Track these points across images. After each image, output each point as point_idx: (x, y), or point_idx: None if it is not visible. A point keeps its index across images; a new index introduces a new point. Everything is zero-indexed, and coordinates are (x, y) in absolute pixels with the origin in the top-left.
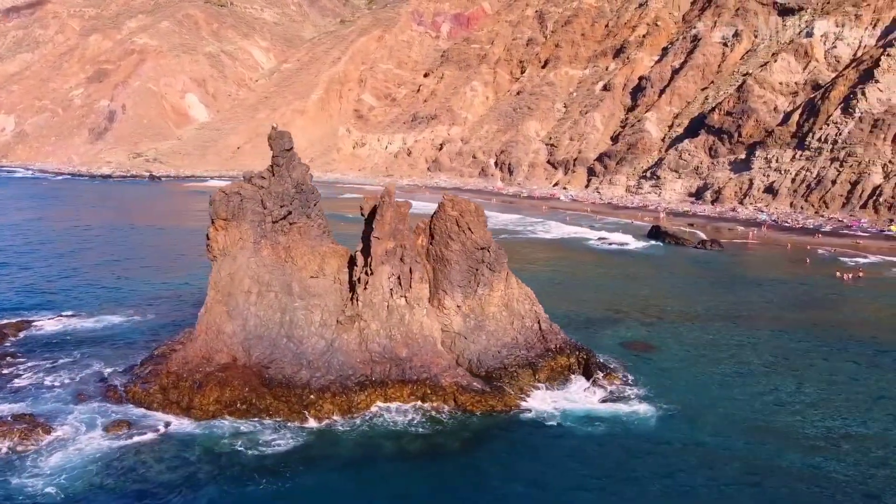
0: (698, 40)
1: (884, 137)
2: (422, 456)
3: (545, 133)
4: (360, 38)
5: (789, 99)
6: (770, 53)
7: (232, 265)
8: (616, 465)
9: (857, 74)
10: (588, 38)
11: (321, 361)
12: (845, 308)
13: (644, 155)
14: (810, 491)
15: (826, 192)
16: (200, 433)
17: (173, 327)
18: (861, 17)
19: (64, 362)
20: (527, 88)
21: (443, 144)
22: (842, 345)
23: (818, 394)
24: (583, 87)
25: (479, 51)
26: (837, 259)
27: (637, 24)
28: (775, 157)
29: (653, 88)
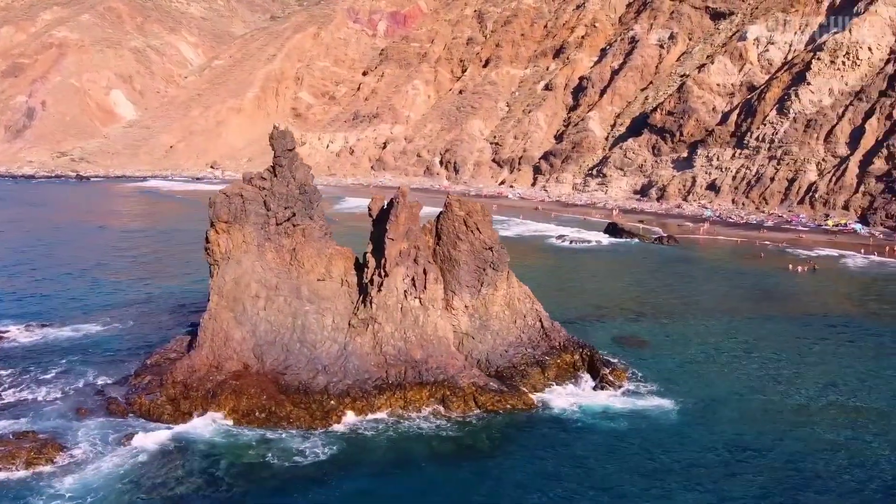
0: (636, 42)
1: (817, 137)
2: (454, 459)
3: (489, 132)
4: (295, 35)
5: (727, 100)
6: (705, 55)
7: (236, 269)
8: (649, 460)
9: (790, 77)
10: (528, 39)
11: (337, 366)
12: (806, 297)
13: (589, 153)
14: (839, 464)
15: (765, 189)
16: (223, 443)
17: (157, 335)
18: (790, 22)
19: (51, 375)
20: (469, 87)
21: (386, 143)
22: (813, 328)
23: (809, 372)
24: (524, 86)
25: (419, 49)
26: (786, 252)
27: (575, 25)
28: (716, 155)
29: (594, 88)
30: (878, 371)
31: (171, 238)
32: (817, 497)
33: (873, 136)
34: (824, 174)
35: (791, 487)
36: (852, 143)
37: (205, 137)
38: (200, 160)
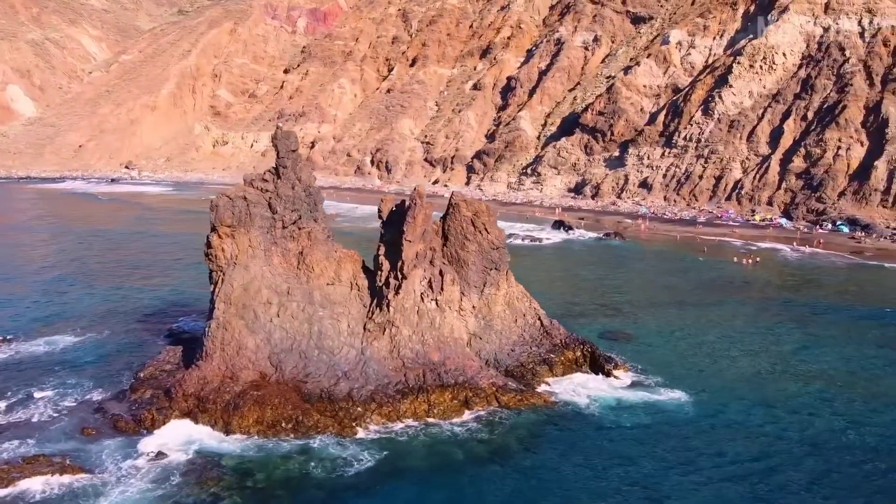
0: (562, 44)
1: (740, 136)
2: (492, 459)
3: (419, 131)
4: (210, 31)
5: (653, 101)
6: (629, 58)
7: (244, 276)
8: (686, 451)
9: (712, 80)
10: (454, 38)
11: (357, 372)
12: (760, 284)
13: (521, 152)
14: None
15: (695, 187)
16: (255, 456)
17: (134, 344)
18: (709, 28)
19: (40, 393)
20: (397, 87)
21: (314, 142)
22: (774, 311)
23: (789, 351)
24: (453, 85)
25: (343, 47)
26: (725, 246)
27: (501, 26)
28: (646, 154)
29: (522, 88)
30: (846, 343)
31: (120, 242)
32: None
33: (791, 136)
34: (748, 172)
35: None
36: (772, 142)
37: (117, 136)
38: (113, 160)
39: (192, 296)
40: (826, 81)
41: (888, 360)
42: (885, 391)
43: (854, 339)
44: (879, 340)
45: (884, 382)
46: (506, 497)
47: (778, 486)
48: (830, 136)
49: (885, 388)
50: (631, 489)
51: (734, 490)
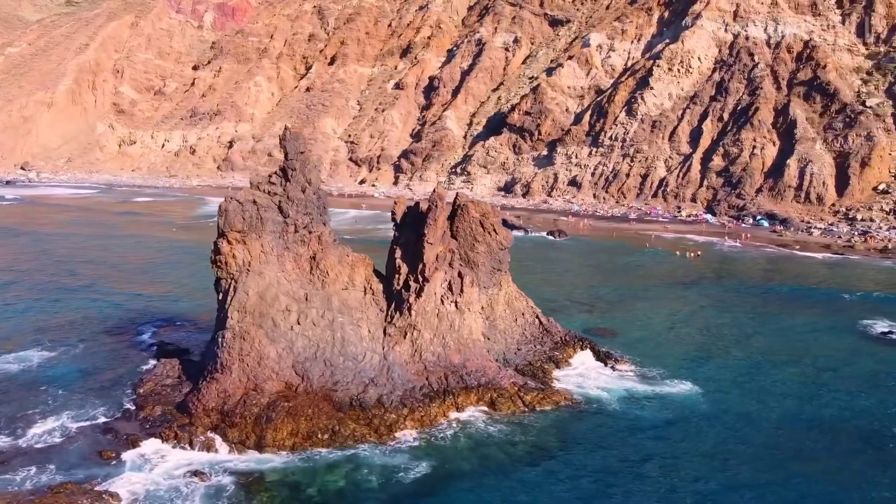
0: (483, 44)
1: (663, 136)
2: (537, 458)
3: (343, 130)
4: (109, 24)
5: (578, 101)
6: (549, 59)
7: (259, 283)
8: (718, 443)
9: (634, 82)
10: (373, 37)
11: (383, 378)
12: (712, 275)
13: (449, 152)
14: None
15: (622, 185)
16: (302, 468)
17: (117, 358)
18: (627, 32)
19: (36, 415)
20: (317, 85)
21: (232, 142)
22: (732, 296)
23: (768, 331)
24: (374, 84)
25: (257, 44)
26: (662, 240)
27: (420, 25)
28: (574, 153)
29: (445, 88)
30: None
31: (53, 245)
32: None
33: (710, 137)
34: (672, 170)
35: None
36: (693, 142)
37: (10, 135)
38: (7, 161)
39: (157, 302)
40: (738, 85)
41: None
42: (861, 367)
43: (813, 317)
44: (835, 315)
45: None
46: (563, 497)
47: (808, 465)
48: (746, 136)
49: (861, 364)
50: (680, 483)
51: (771, 476)
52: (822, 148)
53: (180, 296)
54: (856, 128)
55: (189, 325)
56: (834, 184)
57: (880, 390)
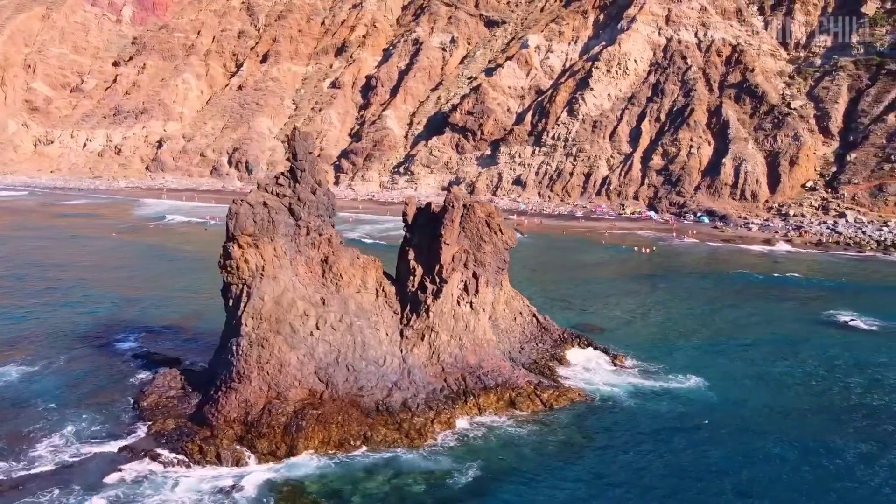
0: (420, 44)
1: (604, 136)
2: (571, 454)
3: (279, 130)
4: (17, 16)
5: (519, 101)
6: (486, 60)
7: (275, 288)
8: (740, 433)
9: (574, 83)
10: (306, 35)
11: (405, 381)
12: (672, 267)
13: (390, 151)
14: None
15: (567, 183)
16: (338, 476)
17: (103, 371)
18: (564, 34)
19: (36, 433)
20: (249, 83)
21: (161, 141)
22: (699, 288)
23: (744, 319)
24: (309, 83)
25: (184, 40)
26: (617, 236)
27: (355, 24)
28: (517, 152)
29: (383, 87)
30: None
31: None
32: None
33: (648, 136)
34: (614, 169)
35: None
36: (632, 141)
37: None
38: None
39: (127, 309)
40: (673, 87)
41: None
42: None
43: (780, 307)
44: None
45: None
46: (605, 491)
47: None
48: (683, 136)
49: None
50: (710, 474)
51: (796, 456)
52: (754, 147)
53: (150, 301)
54: (784, 128)
55: (168, 333)
56: (766, 181)
57: (847, 371)
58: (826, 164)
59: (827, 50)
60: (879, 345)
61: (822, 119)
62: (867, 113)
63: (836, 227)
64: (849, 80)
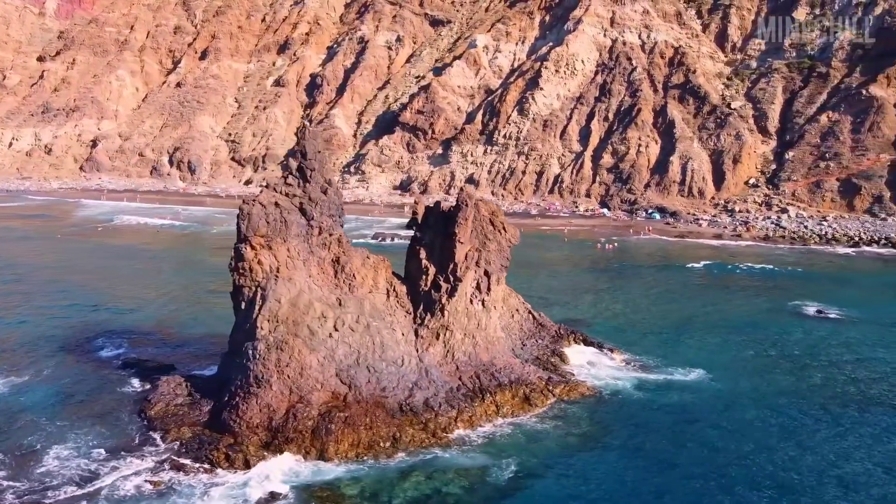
0: (366, 42)
1: (554, 135)
2: (596, 446)
3: (222, 129)
4: None
5: (469, 101)
6: (433, 59)
7: (290, 290)
8: (754, 421)
9: (524, 83)
10: (246, 32)
11: (425, 381)
12: (640, 262)
13: (340, 150)
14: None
15: (519, 182)
16: (374, 479)
17: (94, 380)
18: (511, 34)
19: (45, 448)
20: (188, 81)
21: (96, 140)
22: (670, 281)
23: (725, 308)
24: (252, 81)
25: (116, 35)
26: (577, 233)
27: (297, 21)
28: (469, 151)
29: (329, 86)
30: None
31: None
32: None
33: (598, 135)
34: (566, 167)
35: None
36: (583, 140)
37: None
38: None
39: (102, 314)
40: (620, 87)
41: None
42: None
43: (751, 300)
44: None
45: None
46: (639, 481)
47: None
48: (631, 135)
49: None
50: (739, 460)
51: (805, 439)
52: (698, 146)
53: (121, 305)
54: (726, 128)
55: (150, 338)
56: (712, 179)
57: (825, 362)
58: (766, 161)
59: (762, 53)
60: (847, 332)
61: (761, 119)
62: (801, 113)
63: (779, 222)
64: (783, 82)
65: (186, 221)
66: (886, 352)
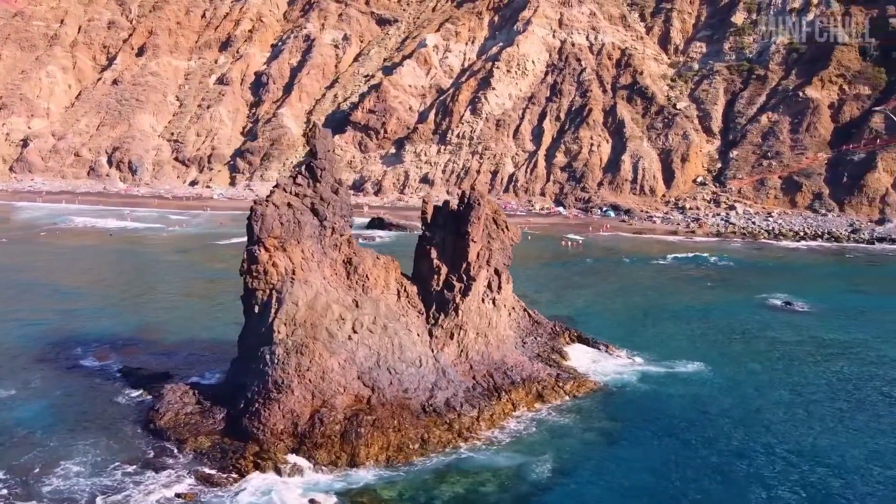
0: (312, 41)
1: (508, 134)
2: (614, 439)
3: (164, 128)
4: None
5: (420, 100)
6: (382, 58)
7: (307, 292)
8: (753, 412)
9: (476, 82)
10: (186, 28)
11: (444, 381)
12: (610, 257)
13: (289, 150)
14: None
15: (474, 181)
16: (410, 481)
17: (92, 390)
18: (460, 34)
19: (45, 463)
20: (125, 78)
21: (27, 140)
22: (644, 276)
23: (706, 300)
24: (193, 79)
25: (45, 30)
26: (535, 230)
27: (239, 18)
28: (423, 151)
29: (276, 85)
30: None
31: None
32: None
33: (550, 135)
34: (520, 167)
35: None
36: (535, 139)
37: None
38: None
39: (76, 321)
40: (570, 87)
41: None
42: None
43: (723, 294)
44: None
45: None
46: (669, 468)
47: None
48: (584, 135)
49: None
50: (759, 446)
51: (809, 424)
52: (648, 145)
53: (91, 311)
54: (673, 128)
55: (133, 345)
56: (662, 177)
57: (808, 351)
58: (712, 160)
59: (703, 55)
60: (817, 322)
61: (705, 119)
62: (743, 114)
63: (729, 219)
64: (724, 84)
65: (137, 223)
66: (862, 341)
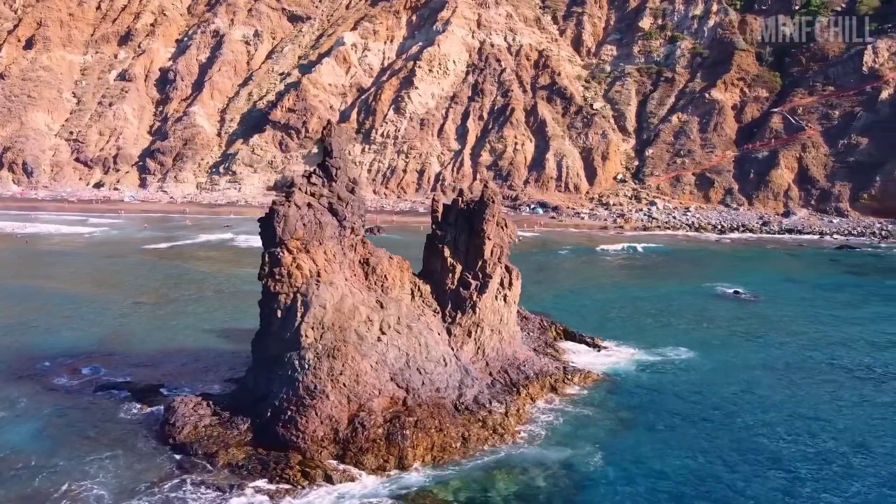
0: (221, 36)
1: (432, 133)
2: (639, 426)
3: (60, 126)
4: None
5: (341, 99)
6: (297, 56)
7: (333, 294)
8: (748, 393)
9: (398, 81)
10: (79, 20)
11: (468, 379)
12: (553, 254)
13: (204, 150)
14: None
15: (401, 180)
16: (460, 482)
17: (86, 407)
18: (378, 33)
19: (69, 486)
20: (13, 72)
21: None
22: (599, 267)
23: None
24: (91, 75)
25: None
26: None
27: (140, 10)
28: (347, 150)
29: (184, 82)
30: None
31: None
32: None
33: (474, 134)
34: (446, 165)
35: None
36: (460, 138)
37: None
38: None
39: (29, 334)
40: (491, 87)
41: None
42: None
43: (675, 284)
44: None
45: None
46: (700, 444)
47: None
48: (508, 134)
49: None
50: (757, 417)
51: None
52: (570, 144)
53: (48, 323)
54: (593, 127)
55: (105, 356)
56: (585, 175)
57: (770, 336)
58: (629, 158)
59: (614, 58)
60: (768, 309)
61: (620, 119)
62: (655, 114)
63: (651, 214)
64: (636, 85)
65: (50, 225)
66: (813, 325)
